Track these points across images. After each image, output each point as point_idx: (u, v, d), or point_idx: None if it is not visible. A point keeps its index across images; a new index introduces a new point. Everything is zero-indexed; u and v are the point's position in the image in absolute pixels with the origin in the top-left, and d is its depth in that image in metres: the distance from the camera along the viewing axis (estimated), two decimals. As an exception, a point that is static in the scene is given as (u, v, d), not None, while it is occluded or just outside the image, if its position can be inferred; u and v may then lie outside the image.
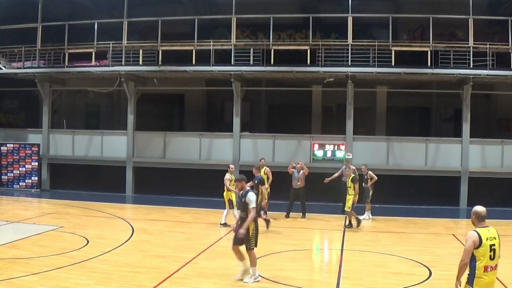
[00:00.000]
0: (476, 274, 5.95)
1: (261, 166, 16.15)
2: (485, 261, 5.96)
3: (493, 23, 21.73)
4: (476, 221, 6.23)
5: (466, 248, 5.99)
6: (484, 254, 5.96)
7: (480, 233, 6.04)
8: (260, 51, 20.28)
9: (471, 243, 5.97)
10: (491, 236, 6.10)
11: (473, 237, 5.99)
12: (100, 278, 9.12)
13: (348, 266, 10.61)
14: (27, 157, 22.93)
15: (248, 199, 9.07)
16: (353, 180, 15.25)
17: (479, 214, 6.25)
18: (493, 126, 23.69)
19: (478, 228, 6.13)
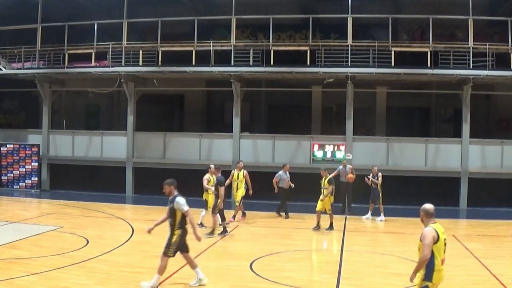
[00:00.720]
0: (434, 269, 6.24)
1: (239, 169, 15.87)
2: (441, 255, 6.33)
3: (493, 24, 21.74)
4: (425, 218, 6.48)
5: (428, 244, 6.20)
6: (440, 248, 6.31)
7: (436, 229, 6.32)
8: (260, 51, 20.28)
9: (431, 238, 6.23)
10: (443, 231, 6.43)
11: (432, 233, 6.26)
12: (100, 278, 9.12)
13: (348, 267, 10.61)
14: (27, 158, 22.92)
15: (176, 205, 8.67)
16: (329, 181, 14.84)
17: (429, 211, 6.50)
18: (493, 127, 23.71)
19: (432, 225, 6.38)
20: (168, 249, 8.75)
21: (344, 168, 18.08)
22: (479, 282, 9.57)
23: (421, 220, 6.53)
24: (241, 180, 15.84)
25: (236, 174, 15.92)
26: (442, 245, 6.34)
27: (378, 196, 16.71)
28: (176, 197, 8.76)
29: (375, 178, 16.83)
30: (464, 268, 10.68)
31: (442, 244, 6.35)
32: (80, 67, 21.92)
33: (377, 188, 16.74)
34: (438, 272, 6.27)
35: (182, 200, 8.72)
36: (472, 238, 14.22)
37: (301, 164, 20.87)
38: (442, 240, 6.34)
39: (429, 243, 6.22)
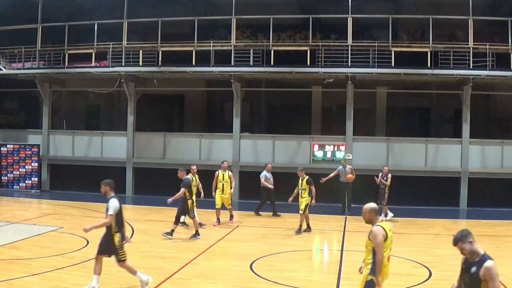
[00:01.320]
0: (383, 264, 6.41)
1: (224, 170, 15.51)
2: (388, 252, 6.52)
3: (493, 24, 21.74)
4: (374, 217, 6.61)
5: (379, 243, 6.36)
6: (388, 245, 6.50)
7: (384, 227, 6.49)
8: (260, 51, 20.28)
9: (381, 237, 6.39)
10: (389, 228, 6.62)
11: (382, 231, 6.41)
12: (100, 279, 9.11)
13: (348, 267, 10.60)
14: (27, 158, 22.92)
15: (107, 206, 8.33)
16: (308, 182, 14.41)
17: (376, 209, 6.70)
18: (493, 127, 23.71)
19: (380, 223, 6.55)
20: (118, 255, 8.40)
21: (344, 168, 18.08)
22: (479, 283, 9.54)
23: (369, 220, 6.62)
24: (226, 182, 15.34)
25: (221, 175, 15.43)
26: (389, 243, 6.52)
27: (384, 197, 16.62)
28: (110, 199, 8.41)
29: (384, 178, 16.69)
30: (464, 268, 10.66)
31: (390, 241, 6.53)
32: (80, 67, 21.93)
33: (384, 188, 16.61)
34: (384, 268, 6.45)
35: (111, 203, 8.31)
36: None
37: (301, 164, 20.81)
38: (390, 237, 6.51)
39: (381, 241, 6.37)
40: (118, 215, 8.33)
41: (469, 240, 5.10)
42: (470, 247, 5.08)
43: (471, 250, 5.08)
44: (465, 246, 5.09)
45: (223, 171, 15.46)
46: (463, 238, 5.12)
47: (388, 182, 16.63)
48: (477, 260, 5.01)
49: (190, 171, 14.60)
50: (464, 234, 5.16)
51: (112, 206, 8.25)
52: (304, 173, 14.72)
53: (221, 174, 15.44)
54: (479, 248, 5.07)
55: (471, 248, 5.09)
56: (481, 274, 4.88)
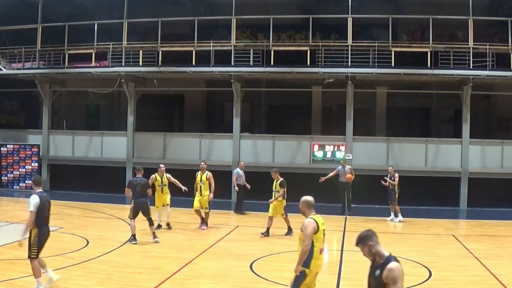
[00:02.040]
0: (313, 256, 6.61)
1: (203, 170, 14.61)
2: (320, 244, 6.68)
3: (493, 24, 21.74)
4: (307, 210, 6.79)
5: (308, 234, 6.57)
6: (319, 238, 6.67)
7: (316, 220, 6.68)
8: (260, 52, 20.29)
9: (311, 229, 6.59)
10: (322, 222, 6.79)
11: (313, 223, 6.61)
12: (100, 279, 9.12)
13: (348, 267, 10.62)
14: (27, 158, 22.93)
15: (29, 201, 8.13)
16: (281, 184, 13.85)
17: (310, 202, 6.85)
18: (493, 127, 23.70)
19: (313, 216, 6.73)
20: (30, 251, 8.14)
21: (343, 168, 18.07)
22: (479, 282, 9.56)
23: (302, 212, 6.82)
24: (204, 183, 14.43)
25: (199, 176, 14.57)
26: (321, 235, 6.69)
27: (394, 197, 16.50)
28: (31, 195, 8.25)
29: (391, 178, 16.58)
30: (464, 268, 10.69)
31: (321, 234, 6.69)
32: (80, 67, 21.93)
33: (394, 188, 16.51)
34: (316, 260, 6.65)
35: (32, 199, 8.07)
36: (472, 238, 14.22)
37: (301, 164, 20.89)
38: (322, 230, 6.69)
39: (310, 233, 6.56)
40: (40, 211, 8.08)
41: (369, 243, 4.94)
42: (370, 250, 4.92)
43: (372, 253, 4.92)
44: (364, 248, 4.96)
45: (201, 172, 14.59)
46: (363, 240, 5.00)
47: (396, 181, 16.52)
48: (381, 263, 4.83)
49: (159, 170, 14.27)
50: (364, 236, 5.02)
51: (32, 202, 8.05)
52: (278, 174, 14.19)
53: (199, 176, 14.63)
54: (383, 250, 4.89)
55: (371, 250, 4.92)
56: (384, 276, 4.69)
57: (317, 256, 6.65)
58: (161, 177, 14.28)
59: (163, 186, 14.34)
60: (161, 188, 14.24)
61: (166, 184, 14.40)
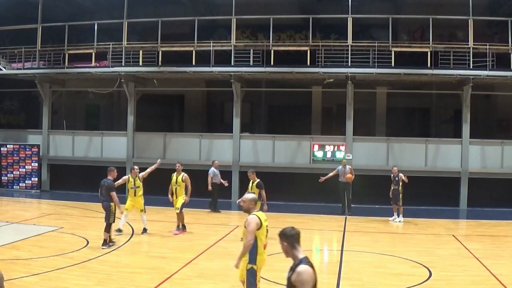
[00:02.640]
0: (258, 252, 6.79)
1: (178, 172, 13.94)
2: (264, 240, 6.86)
3: (493, 24, 21.74)
4: (253, 207, 6.97)
5: (251, 230, 6.71)
6: (263, 234, 6.84)
7: (259, 216, 6.84)
8: (260, 51, 20.28)
9: (255, 225, 6.73)
10: (265, 218, 6.94)
11: (256, 220, 6.76)
12: (100, 279, 9.12)
13: (348, 267, 10.61)
14: (27, 158, 22.93)
15: None
16: (258, 185, 13.19)
17: (255, 200, 7.12)
18: (493, 127, 23.70)
19: (256, 212, 6.91)
20: None
21: (344, 168, 18.07)
22: (479, 282, 9.56)
23: (247, 209, 6.95)
24: (179, 185, 13.72)
25: (175, 178, 13.91)
26: (264, 231, 6.83)
27: (399, 197, 16.45)
28: None
29: (396, 178, 16.53)
30: (464, 268, 10.69)
31: (265, 230, 6.84)
32: (80, 67, 21.92)
33: (398, 188, 16.45)
34: (261, 256, 6.83)
35: None
36: (472, 238, 14.22)
37: (301, 164, 20.89)
38: (265, 226, 6.84)
39: (253, 229, 6.70)
40: None
41: (284, 242, 4.93)
42: (283, 248, 4.91)
43: (287, 252, 4.90)
44: (281, 245, 4.96)
45: (177, 174, 13.90)
46: (281, 236, 5.00)
47: (402, 180, 16.44)
48: (294, 265, 4.77)
49: (132, 171, 13.59)
50: (283, 233, 4.99)
51: None
52: (255, 176, 13.54)
53: (174, 177, 13.91)
54: (298, 252, 4.81)
55: (285, 249, 4.90)
56: (292, 279, 4.61)
57: (261, 252, 6.83)
58: (134, 179, 13.46)
59: (136, 189, 13.42)
60: (133, 190, 13.37)
61: (139, 186, 13.48)
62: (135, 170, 13.65)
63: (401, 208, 16.56)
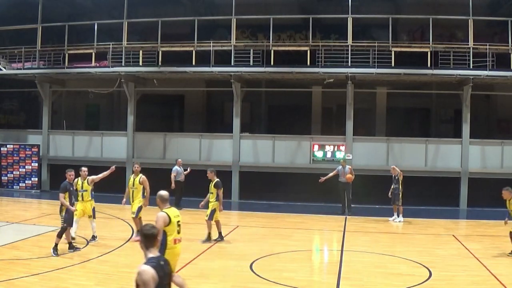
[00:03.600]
0: (167, 247, 7.12)
1: (136, 174, 13.02)
2: (174, 235, 7.21)
3: (493, 24, 21.73)
4: (161, 204, 7.29)
5: (159, 226, 6.97)
6: (173, 229, 7.19)
7: (168, 213, 7.20)
8: (260, 52, 20.28)
9: (162, 221, 7.08)
10: (176, 214, 7.31)
11: (163, 216, 7.13)
12: (100, 279, 9.12)
13: (348, 267, 10.61)
14: (27, 158, 22.92)
15: None
16: (216, 185, 12.72)
17: (163, 197, 7.34)
18: (493, 127, 23.70)
19: (165, 209, 7.24)
20: None
21: (343, 168, 18.07)
22: (479, 282, 9.56)
23: (158, 206, 7.29)
24: (136, 188, 12.67)
25: (132, 180, 12.91)
26: (174, 227, 7.21)
27: (398, 197, 16.42)
28: None
29: (396, 178, 16.54)
30: (464, 268, 10.69)
31: (175, 225, 7.21)
32: (80, 67, 21.92)
33: (398, 188, 16.43)
34: (170, 250, 7.19)
35: None
36: (472, 238, 14.22)
37: (301, 164, 20.89)
38: (175, 222, 7.21)
39: (160, 226, 7.00)
40: None
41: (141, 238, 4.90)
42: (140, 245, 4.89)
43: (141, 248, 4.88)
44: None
45: (134, 176, 12.93)
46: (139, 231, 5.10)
47: (401, 178, 16.41)
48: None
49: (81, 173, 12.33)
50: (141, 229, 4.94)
51: None
52: (214, 175, 12.90)
53: (131, 179, 12.93)
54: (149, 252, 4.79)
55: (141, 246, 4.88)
56: (135, 278, 4.58)
57: (170, 247, 7.19)
58: (82, 182, 12.23)
59: (83, 192, 12.18)
60: (81, 194, 12.18)
61: (86, 190, 12.18)
62: (82, 172, 12.32)
63: (401, 208, 16.56)
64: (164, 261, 4.75)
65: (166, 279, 4.66)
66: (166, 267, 4.70)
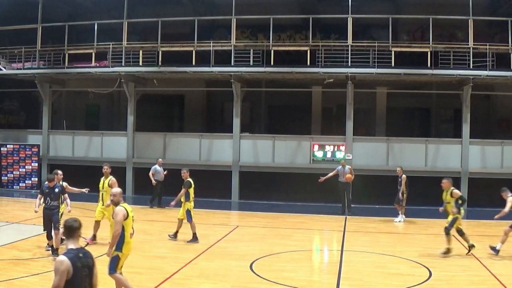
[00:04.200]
0: (124, 241, 7.50)
1: (106, 175, 12.40)
2: (129, 229, 7.59)
3: (493, 24, 21.74)
4: (121, 199, 7.68)
5: (118, 220, 7.44)
6: (129, 224, 7.59)
7: (126, 208, 7.58)
8: (260, 52, 20.28)
9: (122, 216, 7.46)
10: (131, 210, 7.69)
11: (123, 211, 7.51)
12: (100, 279, 9.08)
13: (348, 267, 10.61)
14: (27, 158, 22.93)
15: None
16: (184, 184, 12.65)
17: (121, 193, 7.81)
18: (493, 127, 23.71)
19: (122, 204, 7.64)
20: None
21: (343, 168, 18.07)
22: (479, 282, 9.56)
23: (117, 202, 7.70)
24: (106, 191, 11.88)
25: (102, 182, 12.35)
26: (130, 221, 7.60)
27: (402, 198, 16.38)
28: None
29: (399, 179, 16.49)
30: (464, 268, 10.69)
31: (130, 220, 7.61)
32: (80, 67, 21.93)
33: (401, 189, 16.37)
34: (127, 244, 7.56)
35: None
36: (472, 238, 14.17)
37: (301, 164, 20.89)
38: (131, 217, 7.61)
39: (120, 219, 7.43)
40: None
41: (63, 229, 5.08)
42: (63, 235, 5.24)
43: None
44: None
45: (104, 178, 12.33)
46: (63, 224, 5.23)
47: (403, 183, 16.37)
48: None
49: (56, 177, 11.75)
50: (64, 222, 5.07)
51: None
52: (187, 174, 12.97)
53: (101, 181, 12.35)
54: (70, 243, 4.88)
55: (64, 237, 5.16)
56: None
57: (128, 241, 7.53)
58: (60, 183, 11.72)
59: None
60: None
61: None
62: (58, 176, 11.79)
63: (403, 208, 16.52)
64: (84, 253, 4.90)
65: (85, 271, 4.81)
66: (85, 259, 4.85)
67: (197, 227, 12.86)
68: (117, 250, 7.49)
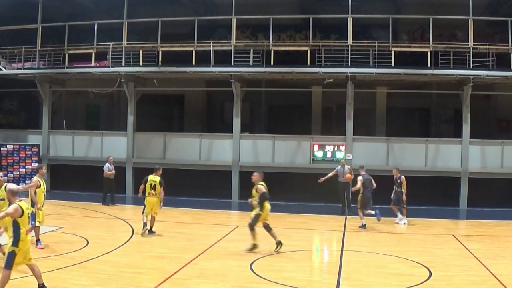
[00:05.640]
0: (20, 238, 7.80)
1: (41, 175, 11.84)
2: (26, 227, 7.89)
3: (493, 24, 21.72)
4: (12, 198, 7.98)
5: (14, 217, 7.77)
6: (25, 221, 7.88)
7: (21, 205, 7.87)
8: (260, 51, 20.26)
9: (16, 212, 7.77)
10: (27, 207, 8.05)
11: (18, 208, 7.81)
12: (100, 279, 9.13)
13: (348, 267, 10.61)
14: (27, 158, 22.92)
15: None
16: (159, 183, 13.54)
17: (13, 191, 8.07)
18: (493, 127, 23.70)
19: (18, 202, 7.89)
20: None
21: (343, 168, 18.06)
22: (479, 282, 9.57)
23: (9, 200, 8.03)
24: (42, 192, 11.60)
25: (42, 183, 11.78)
26: (26, 219, 7.88)
27: (402, 199, 16.29)
28: None
29: (398, 181, 16.40)
30: (464, 268, 10.69)
31: (26, 218, 7.89)
32: (80, 67, 21.92)
33: (400, 190, 16.30)
34: (23, 241, 7.85)
35: None
36: (472, 238, 14.21)
37: (301, 164, 20.89)
38: (26, 214, 7.89)
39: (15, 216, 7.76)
40: None
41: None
42: None
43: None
44: None
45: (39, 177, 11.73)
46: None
47: (402, 181, 16.32)
48: None
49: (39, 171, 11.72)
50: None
51: None
52: (159, 172, 13.81)
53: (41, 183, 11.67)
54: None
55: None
56: None
57: (23, 238, 7.83)
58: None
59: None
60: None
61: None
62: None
63: (405, 210, 16.42)
64: None
65: None
66: None
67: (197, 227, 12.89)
68: (14, 245, 7.83)
